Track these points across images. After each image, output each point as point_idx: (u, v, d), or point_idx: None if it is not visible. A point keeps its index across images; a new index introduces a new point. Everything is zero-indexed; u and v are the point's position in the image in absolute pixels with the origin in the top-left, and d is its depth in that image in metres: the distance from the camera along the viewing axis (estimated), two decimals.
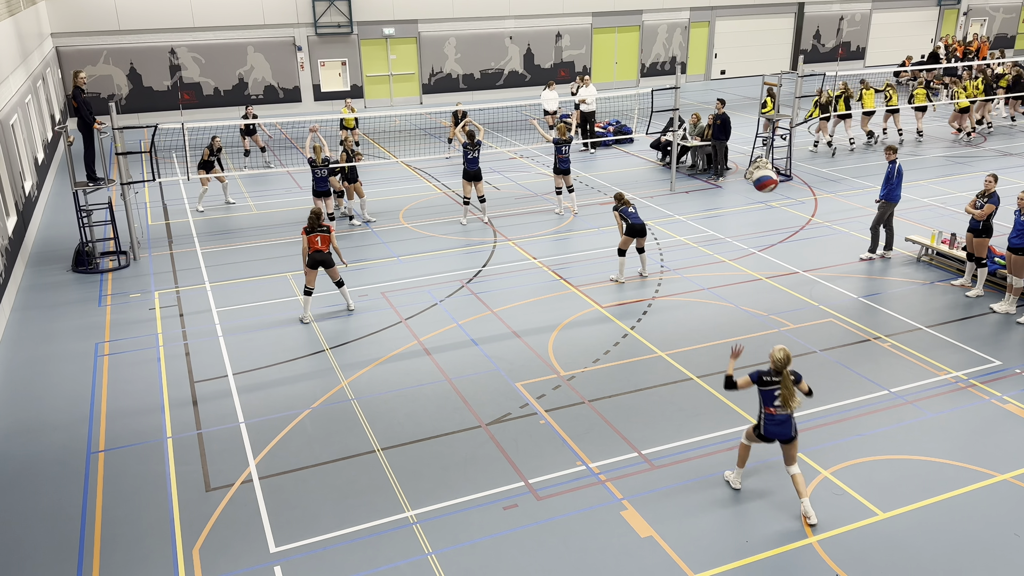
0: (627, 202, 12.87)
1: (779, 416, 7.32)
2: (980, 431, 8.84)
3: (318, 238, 11.48)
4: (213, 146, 17.14)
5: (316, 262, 11.51)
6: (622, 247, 12.92)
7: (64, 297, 12.93)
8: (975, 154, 20.87)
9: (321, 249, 11.50)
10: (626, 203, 12.84)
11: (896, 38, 37.37)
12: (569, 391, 9.78)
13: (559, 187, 16.48)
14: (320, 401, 9.68)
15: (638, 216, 12.81)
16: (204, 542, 7.33)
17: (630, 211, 12.76)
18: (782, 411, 7.28)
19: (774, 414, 7.33)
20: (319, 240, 11.48)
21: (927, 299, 12.24)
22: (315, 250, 11.47)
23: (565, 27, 31.46)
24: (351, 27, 28.42)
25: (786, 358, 7.17)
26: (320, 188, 14.91)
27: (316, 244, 11.47)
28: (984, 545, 7.13)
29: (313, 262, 11.51)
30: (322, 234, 11.50)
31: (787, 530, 7.32)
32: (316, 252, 11.48)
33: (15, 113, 16.34)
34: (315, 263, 11.52)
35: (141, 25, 26.24)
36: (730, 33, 34.59)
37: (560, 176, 16.35)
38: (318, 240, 11.48)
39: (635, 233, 12.75)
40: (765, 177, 14.29)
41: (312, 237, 11.46)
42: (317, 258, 11.50)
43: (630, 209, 12.79)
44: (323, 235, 11.51)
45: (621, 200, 12.88)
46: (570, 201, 16.71)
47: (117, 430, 9.15)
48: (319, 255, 11.49)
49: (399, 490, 7.99)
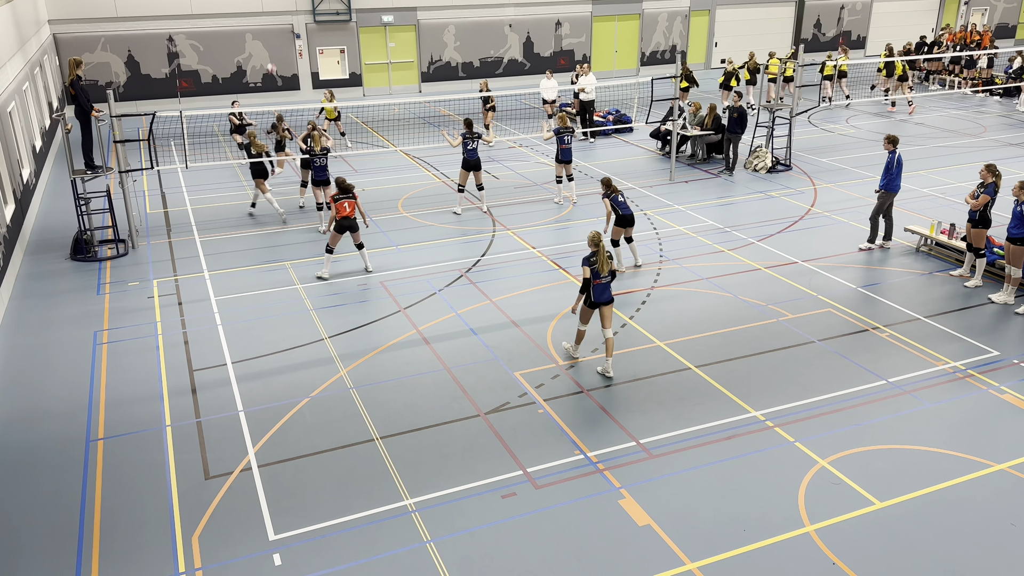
0: (616, 189, 12.45)
1: (603, 283, 9.53)
2: (977, 421, 8.86)
3: (346, 204, 12.17)
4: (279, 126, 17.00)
5: (343, 227, 12.26)
6: (614, 238, 12.65)
7: (63, 285, 12.92)
8: (974, 144, 20.84)
9: (349, 215, 12.21)
10: (615, 190, 12.44)
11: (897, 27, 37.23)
12: (568, 380, 9.80)
13: (560, 176, 16.45)
14: (319, 390, 9.69)
15: (627, 205, 12.61)
16: (203, 530, 7.35)
17: (620, 200, 12.44)
18: (605, 279, 9.50)
19: (600, 283, 9.51)
20: (347, 206, 12.16)
21: (926, 289, 12.24)
22: (343, 216, 12.19)
23: (565, 15, 31.33)
24: (350, 14, 28.30)
25: (596, 235, 9.49)
26: (319, 177, 14.91)
27: (344, 210, 12.16)
28: (981, 535, 7.16)
29: (340, 227, 12.25)
30: (349, 200, 12.19)
31: (784, 519, 7.35)
32: (344, 218, 12.21)
33: (12, 100, 16.27)
34: (342, 228, 12.27)
35: (139, 12, 26.11)
36: (730, 22, 34.45)
37: (561, 165, 16.32)
38: (346, 206, 12.16)
39: (626, 223, 12.56)
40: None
41: (340, 204, 12.16)
42: (344, 224, 12.24)
43: (620, 198, 12.46)
44: (350, 201, 12.20)
45: (609, 186, 12.43)
46: (569, 191, 16.68)
47: (116, 418, 9.16)
48: (346, 221, 12.23)
49: (398, 478, 8.01)
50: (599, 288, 9.55)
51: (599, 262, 9.45)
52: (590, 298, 9.61)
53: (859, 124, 23.39)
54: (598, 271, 9.47)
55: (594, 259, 9.47)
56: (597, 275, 9.47)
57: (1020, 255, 11.39)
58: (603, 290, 9.56)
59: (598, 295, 9.58)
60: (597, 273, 9.47)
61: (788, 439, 8.53)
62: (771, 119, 18.80)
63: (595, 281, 9.49)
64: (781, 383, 9.64)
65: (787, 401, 9.24)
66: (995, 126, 22.93)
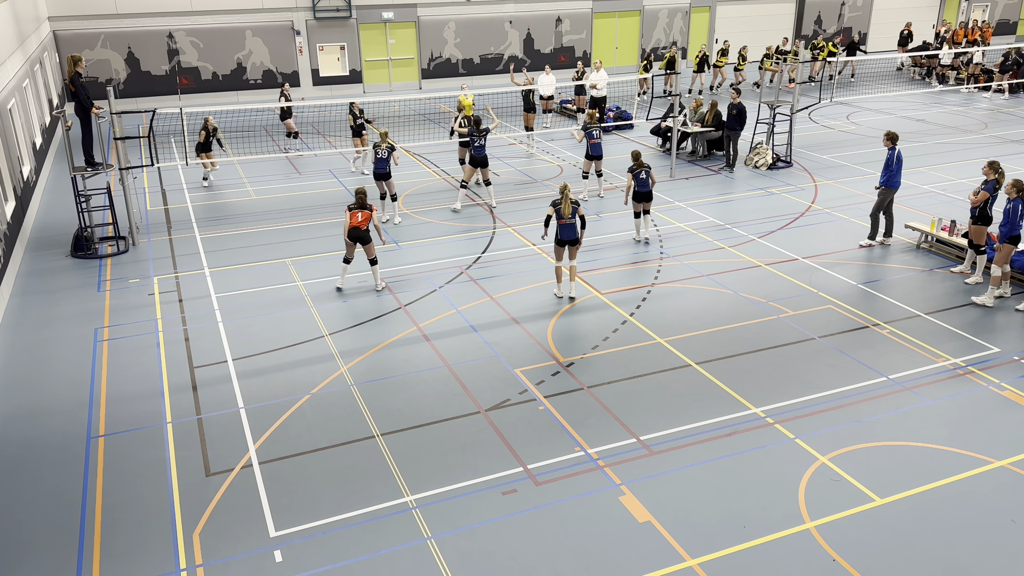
0: (642, 164, 13.60)
1: (568, 223, 11.35)
2: (978, 418, 8.86)
3: (359, 215, 11.99)
4: (208, 127, 17.16)
5: (354, 238, 12.10)
6: (635, 210, 13.92)
7: (63, 282, 12.93)
8: (977, 141, 20.82)
9: (359, 226, 12.01)
10: (640, 165, 13.59)
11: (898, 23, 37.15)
12: (568, 377, 9.80)
13: (587, 171, 16.54)
14: (320, 387, 9.70)
15: (646, 183, 13.64)
16: (204, 526, 7.36)
17: (641, 176, 13.61)
18: (568, 220, 11.30)
19: (564, 223, 11.35)
20: (359, 216, 11.99)
21: (926, 286, 12.24)
22: (354, 226, 12.01)
23: (565, 11, 31.28)
24: (350, 11, 28.26)
25: (564, 185, 11.45)
26: (380, 170, 15.03)
27: (356, 220, 12.01)
28: (981, 531, 7.16)
29: (352, 237, 12.10)
30: (363, 211, 12.00)
31: (784, 516, 7.36)
32: (354, 228, 12.02)
33: (13, 97, 16.26)
34: (353, 238, 12.11)
35: (139, 9, 26.08)
36: (731, 18, 34.39)
37: (591, 161, 16.42)
38: (359, 216, 12.00)
39: (641, 199, 13.76)
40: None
41: (353, 213, 12.01)
42: (355, 234, 12.07)
43: (642, 175, 13.60)
44: (364, 212, 12.00)
45: (636, 160, 13.61)
46: (597, 184, 16.77)
47: (117, 415, 9.17)
48: (357, 231, 12.04)
49: (398, 475, 8.02)
50: (564, 227, 11.41)
51: (563, 204, 11.34)
52: (558, 236, 11.47)
53: (860, 120, 23.37)
54: (561, 212, 11.34)
55: (558, 202, 11.38)
56: (560, 215, 11.33)
57: (1008, 253, 11.37)
58: (568, 230, 11.43)
59: (564, 234, 11.46)
60: (560, 213, 11.33)
61: (788, 436, 8.53)
62: (772, 115, 18.77)
63: (560, 221, 11.36)
64: (781, 380, 9.64)
65: (787, 398, 9.25)
66: (996, 122, 22.91)
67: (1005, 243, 11.33)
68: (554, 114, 25.03)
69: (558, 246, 11.63)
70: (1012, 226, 11.27)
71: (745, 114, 18.40)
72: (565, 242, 11.55)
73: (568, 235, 11.50)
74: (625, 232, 14.46)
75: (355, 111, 18.45)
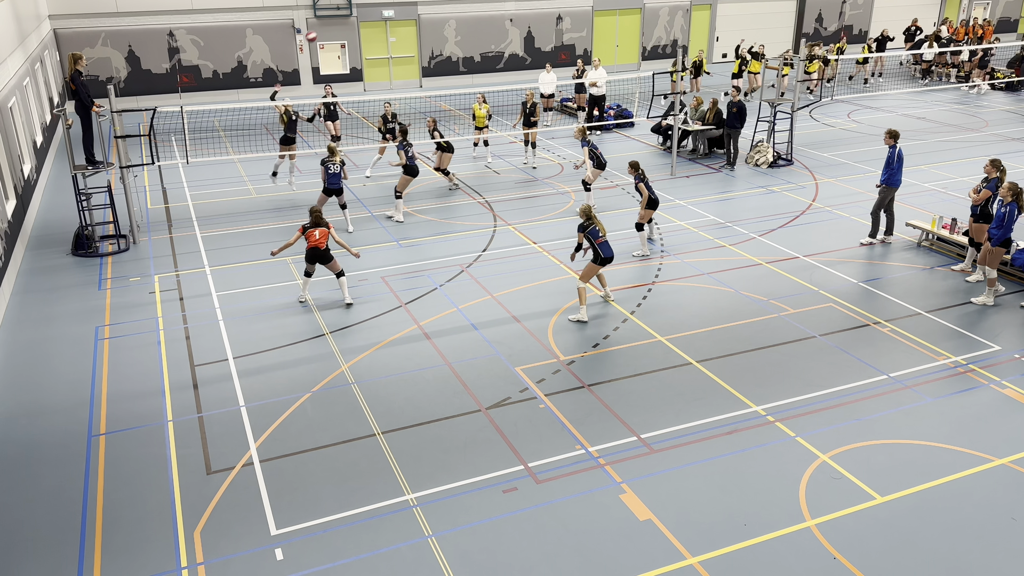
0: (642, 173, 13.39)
1: (606, 241, 11.05)
2: (978, 416, 8.86)
3: (315, 233, 11.51)
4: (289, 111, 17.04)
5: (313, 257, 11.59)
6: (641, 221, 13.45)
7: (64, 281, 12.93)
8: (978, 139, 20.80)
9: (318, 245, 11.50)
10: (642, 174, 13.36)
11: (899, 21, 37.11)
12: (569, 375, 9.80)
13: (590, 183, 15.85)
14: (320, 385, 9.70)
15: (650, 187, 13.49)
16: (205, 525, 7.37)
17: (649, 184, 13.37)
18: (604, 238, 11.03)
19: (603, 242, 11.00)
20: (316, 235, 11.50)
21: (927, 284, 12.24)
22: (312, 246, 11.52)
23: (566, 9, 31.25)
24: (350, 9, 28.24)
25: (587, 208, 11.12)
26: (333, 185, 14.39)
27: (314, 239, 11.50)
28: (981, 529, 7.16)
29: (310, 256, 11.59)
30: (321, 229, 11.53)
31: (785, 514, 7.36)
32: (313, 249, 11.52)
33: (13, 96, 16.27)
34: (312, 258, 11.60)
35: (139, 7, 26.07)
36: (732, 16, 34.37)
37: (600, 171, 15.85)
38: (315, 235, 11.50)
39: (654, 206, 13.42)
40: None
41: (310, 233, 11.52)
42: (314, 255, 11.56)
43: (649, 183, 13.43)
44: (322, 230, 11.54)
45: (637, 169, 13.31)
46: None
47: (118, 413, 9.17)
48: (316, 251, 11.53)
49: (399, 473, 8.02)
50: (605, 245, 11.06)
51: (596, 225, 11.06)
52: (599, 256, 11.03)
53: (860, 119, 23.36)
54: (599, 231, 11.03)
55: (589, 223, 11.04)
56: (598, 235, 11.02)
57: (997, 256, 11.35)
58: (608, 247, 11.11)
59: (606, 251, 11.07)
60: (597, 233, 11.02)
61: (789, 434, 8.53)
62: (772, 113, 18.76)
63: (597, 240, 11.02)
64: (782, 378, 9.64)
65: (788, 396, 9.25)
66: (997, 120, 22.89)
67: (997, 247, 11.30)
68: (555, 112, 25.02)
69: (599, 265, 11.14)
70: (1005, 230, 11.25)
71: (745, 112, 18.39)
72: (607, 260, 11.11)
73: (609, 251, 11.11)
74: (626, 230, 14.42)
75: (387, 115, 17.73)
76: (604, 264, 11.12)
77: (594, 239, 10.98)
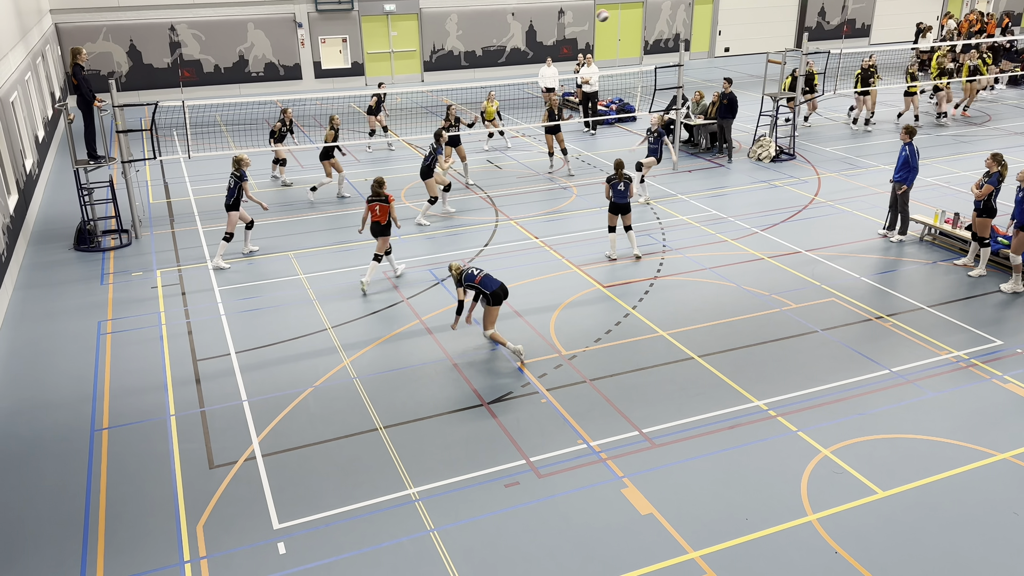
0: (621, 176, 12.65)
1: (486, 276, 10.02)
2: (980, 411, 8.86)
3: (377, 207, 11.92)
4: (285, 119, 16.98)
5: (373, 232, 12.06)
6: (609, 224, 13.01)
7: (66, 276, 12.94)
8: (981, 133, 20.75)
9: (379, 220, 11.95)
10: (619, 176, 12.65)
11: (902, 15, 37.01)
12: (571, 370, 9.81)
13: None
14: (323, 380, 9.71)
15: (624, 194, 12.70)
16: (208, 519, 7.39)
17: (619, 188, 12.68)
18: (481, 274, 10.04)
19: (483, 278, 9.99)
20: (378, 209, 11.93)
21: (929, 279, 12.22)
22: (374, 220, 11.97)
23: (568, 3, 31.18)
24: (352, 3, 28.19)
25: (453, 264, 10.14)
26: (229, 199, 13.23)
27: (375, 214, 11.94)
28: (983, 524, 7.16)
29: (372, 231, 12.07)
30: (381, 204, 11.91)
31: (787, 508, 7.37)
32: (375, 223, 11.98)
33: (15, 90, 16.26)
34: (373, 232, 12.07)
35: (140, 1, 26.04)
36: (734, 10, 34.27)
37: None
38: (377, 209, 11.93)
39: (615, 210, 12.84)
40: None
41: (372, 207, 11.95)
42: (374, 229, 12.03)
43: (619, 186, 12.66)
44: (382, 205, 11.91)
45: (616, 170, 12.68)
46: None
47: (120, 408, 9.19)
48: (376, 226, 11.99)
49: (401, 468, 8.03)
50: (486, 280, 10.01)
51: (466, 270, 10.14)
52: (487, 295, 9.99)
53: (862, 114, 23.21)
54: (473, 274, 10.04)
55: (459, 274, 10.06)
56: (473, 277, 10.02)
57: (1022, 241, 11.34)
58: (491, 280, 10.04)
59: (492, 284, 9.98)
60: (473, 275, 10.04)
61: (791, 428, 8.54)
62: (775, 108, 18.73)
63: (477, 280, 10.00)
64: (784, 373, 9.64)
65: (790, 390, 9.25)
66: (1000, 114, 22.81)
67: (1021, 231, 11.28)
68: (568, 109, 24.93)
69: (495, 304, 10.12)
70: None
71: (736, 103, 18.54)
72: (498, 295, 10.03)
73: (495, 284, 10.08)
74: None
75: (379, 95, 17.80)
76: (498, 301, 9.98)
77: (472, 281, 9.97)
